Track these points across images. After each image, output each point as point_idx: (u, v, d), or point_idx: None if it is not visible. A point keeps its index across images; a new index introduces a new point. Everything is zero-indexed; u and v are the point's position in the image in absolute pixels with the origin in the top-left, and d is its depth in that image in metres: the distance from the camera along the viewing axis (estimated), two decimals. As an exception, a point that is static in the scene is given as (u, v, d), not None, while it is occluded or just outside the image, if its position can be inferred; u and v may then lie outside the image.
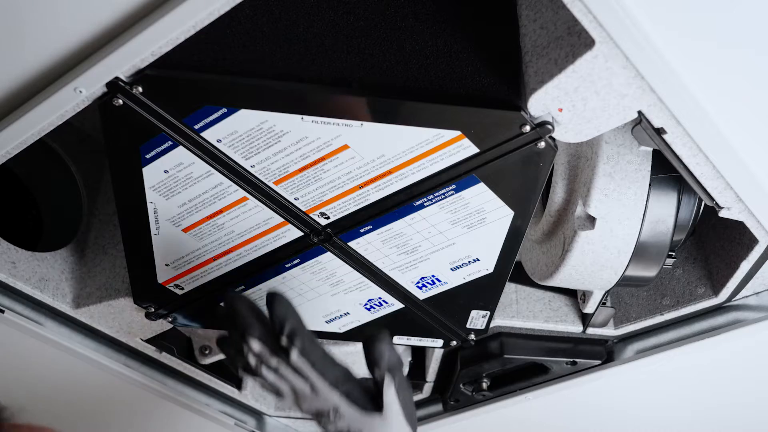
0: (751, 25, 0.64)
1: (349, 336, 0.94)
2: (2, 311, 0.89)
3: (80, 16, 0.63)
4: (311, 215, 0.80)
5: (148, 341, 1.00)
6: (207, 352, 1.05)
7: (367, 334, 0.78)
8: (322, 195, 0.77)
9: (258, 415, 1.17)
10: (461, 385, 1.09)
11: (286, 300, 0.76)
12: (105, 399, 1.03)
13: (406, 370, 1.08)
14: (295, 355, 0.76)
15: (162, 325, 0.96)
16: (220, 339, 0.82)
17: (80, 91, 0.67)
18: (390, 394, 0.77)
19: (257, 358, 0.78)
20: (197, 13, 0.62)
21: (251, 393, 1.14)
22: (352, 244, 0.83)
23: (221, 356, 1.05)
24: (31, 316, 0.92)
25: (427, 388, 1.14)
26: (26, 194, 1.01)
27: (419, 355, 1.10)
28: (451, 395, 1.11)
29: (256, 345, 0.77)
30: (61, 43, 0.65)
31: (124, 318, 0.95)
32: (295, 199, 0.78)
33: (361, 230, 0.81)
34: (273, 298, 0.76)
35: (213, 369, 1.08)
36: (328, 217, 0.80)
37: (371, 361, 0.77)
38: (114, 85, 0.67)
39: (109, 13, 0.63)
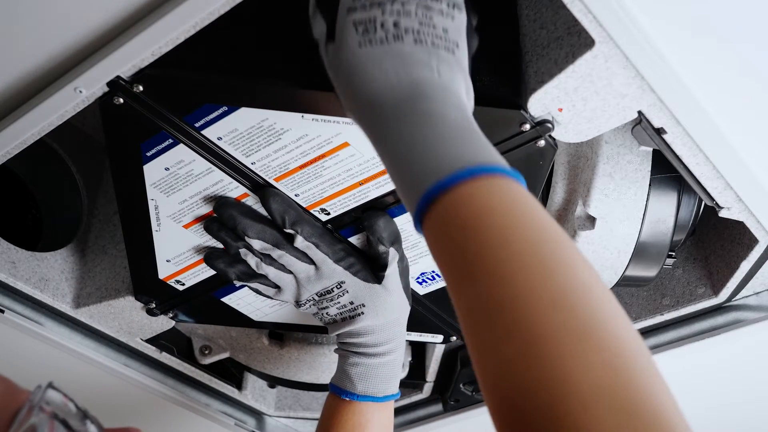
0: (751, 26, 0.64)
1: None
2: (2, 311, 0.89)
3: (80, 16, 0.63)
4: (311, 211, 0.80)
5: (148, 341, 1.00)
6: (207, 352, 1.05)
7: (367, 211, 0.80)
8: (323, 191, 0.77)
9: (258, 415, 1.17)
10: (461, 385, 1.09)
11: (280, 194, 0.78)
12: (105, 399, 1.03)
13: (406, 370, 1.08)
14: (300, 240, 0.79)
15: (162, 325, 0.96)
16: (207, 255, 0.83)
17: (80, 91, 0.67)
18: (393, 266, 0.82)
19: (258, 257, 0.81)
20: (197, 13, 0.62)
21: (251, 393, 1.14)
22: (353, 239, 0.83)
23: (221, 356, 1.05)
24: (31, 316, 0.92)
25: (427, 388, 1.14)
26: (26, 194, 1.01)
27: (419, 355, 1.10)
28: (451, 395, 1.11)
29: (256, 243, 0.79)
30: (61, 43, 0.65)
31: (124, 318, 0.95)
32: (296, 195, 0.78)
33: (361, 226, 0.81)
34: (267, 195, 0.77)
35: (213, 369, 1.09)
36: (328, 213, 0.80)
37: (374, 234, 0.80)
38: (114, 84, 0.67)
39: (109, 12, 0.63)
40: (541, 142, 0.71)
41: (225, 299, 0.91)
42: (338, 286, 0.83)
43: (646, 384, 0.43)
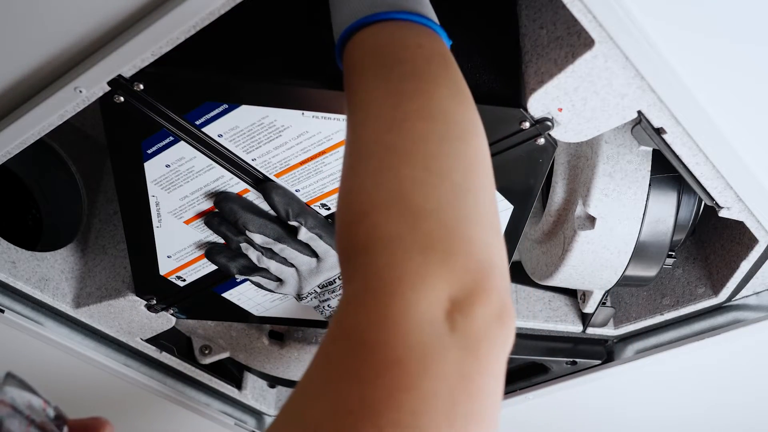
0: (751, 25, 0.64)
1: None
2: (2, 311, 0.89)
3: (80, 16, 0.63)
4: (312, 206, 0.80)
5: (148, 341, 1.00)
6: (207, 352, 1.05)
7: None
8: (323, 187, 0.78)
9: (258, 415, 1.17)
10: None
11: (282, 187, 0.78)
12: (105, 399, 1.04)
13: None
14: (304, 231, 0.79)
15: (162, 325, 0.96)
16: (208, 250, 0.83)
17: (80, 91, 0.67)
18: None
19: (259, 251, 0.81)
20: (197, 13, 0.62)
21: (251, 393, 1.14)
22: None
23: (221, 356, 1.05)
24: (31, 316, 0.92)
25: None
26: (26, 194, 1.01)
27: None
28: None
29: (258, 237, 0.79)
30: (61, 43, 0.65)
31: (124, 318, 0.95)
32: (296, 190, 0.78)
33: None
34: (269, 188, 0.77)
35: (213, 369, 1.09)
36: (328, 208, 0.80)
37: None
38: (115, 83, 0.67)
39: (109, 13, 0.63)
40: (541, 140, 0.71)
41: (226, 294, 0.91)
42: (340, 277, 0.83)
43: (448, 197, 0.46)
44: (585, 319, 1.01)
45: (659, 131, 0.70)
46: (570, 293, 1.03)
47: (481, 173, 0.49)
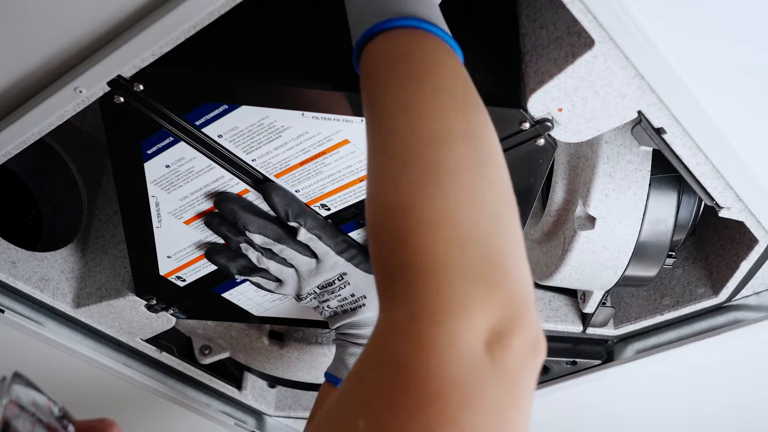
0: (751, 25, 0.64)
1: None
2: (2, 311, 0.89)
3: (80, 16, 0.63)
4: (312, 207, 0.80)
5: (148, 341, 1.00)
6: (207, 352, 1.05)
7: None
8: (323, 187, 0.78)
9: (258, 415, 1.17)
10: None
11: (282, 187, 0.78)
12: (105, 399, 1.03)
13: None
14: (303, 232, 0.79)
15: (162, 325, 0.96)
16: (208, 250, 0.84)
17: (80, 91, 0.67)
18: None
19: (259, 251, 0.81)
20: (197, 13, 0.62)
21: (251, 393, 1.14)
22: (353, 234, 0.83)
23: (221, 356, 1.05)
24: (31, 316, 0.92)
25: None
26: (26, 194, 1.01)
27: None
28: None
29: (257, 238, 0.79)
30: (61, 43, 0.65)
31: (124, 318, 0.95)
32: (296, 191, 0.78)
33: (361, 221, 0.82)
34: (269, 189, 0.77)
35: (213, 369, 1.09)
36: (328, 209, 0.80)
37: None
38: (115, 83, 0.67)
39: (109, 13, 0.63)
40: (541, 141, 0.71)
41: (226, 294, 0.91)
42: (340, 278, 0.83)
43: (492, 228, 0.46)
44: (585, 319, 1.01)
45: (659, 131, 0.70)
46: (570, 293, 1.03)
47: (512, 200, 0.49)
